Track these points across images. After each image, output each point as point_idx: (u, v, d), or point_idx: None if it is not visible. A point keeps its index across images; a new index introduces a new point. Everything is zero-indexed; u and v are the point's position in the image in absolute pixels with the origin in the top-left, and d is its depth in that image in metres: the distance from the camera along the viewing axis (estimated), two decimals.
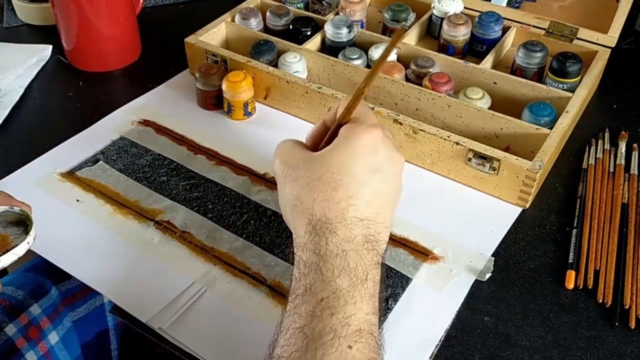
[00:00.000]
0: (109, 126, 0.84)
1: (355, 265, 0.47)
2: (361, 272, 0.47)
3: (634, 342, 0.59)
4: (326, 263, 0.47)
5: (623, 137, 0.81)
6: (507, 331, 0.60)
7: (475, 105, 0.77)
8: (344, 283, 0.46)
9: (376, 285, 0.48)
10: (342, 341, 0.44)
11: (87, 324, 0.71)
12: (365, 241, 0.49)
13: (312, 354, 0.43)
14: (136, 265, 0.66)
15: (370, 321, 0.46)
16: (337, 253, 0.48)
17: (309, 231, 0.49)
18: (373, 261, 0.49)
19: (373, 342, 0.45)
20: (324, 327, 0.44)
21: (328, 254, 0.48)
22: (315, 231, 0.49)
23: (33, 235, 0.56)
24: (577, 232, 0.69)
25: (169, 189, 0.75)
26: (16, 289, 0.67)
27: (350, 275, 0.47)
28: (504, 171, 0.71)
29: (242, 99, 0.83)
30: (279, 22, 0.94)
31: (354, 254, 0.48)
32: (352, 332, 0.44)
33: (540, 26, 0.91)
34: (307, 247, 0.49)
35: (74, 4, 0.90)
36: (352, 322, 0.45)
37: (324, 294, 0.46)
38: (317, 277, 0.47)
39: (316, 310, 0.45)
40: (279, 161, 0.55)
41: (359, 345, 0.44)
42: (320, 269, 0.47)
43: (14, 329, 0.65)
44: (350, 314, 0.45)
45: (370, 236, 0.50)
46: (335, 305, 0.45)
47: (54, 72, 0.97)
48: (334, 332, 0.44)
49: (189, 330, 0.60)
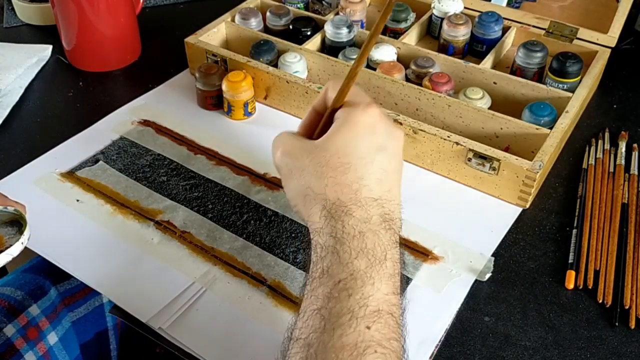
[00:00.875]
0: (109, 126, 0.84)
1: (373, 246, 0.47)
2: (379, 252, 0.47)
3: (634, 342, 0.59)
4: (343, 245, 0.46)
5: (623, 137, 0.81)
6: (507, 331, 0.60)
7: (475, 105, 0.77)
8: (362, 264, 0.46)
9: (396, 264, 0.47)
10: (360, 322, 0.43)
11: (86, 324, 0.71)
12: (382, 220, 0.48)
13: (329, 335, 0.43)
14: (136, 265, 0.66)
15: (389, 301, 0.45)
16: (354, 235, 0.47)
17: (324, 215, 0.49)
18: (391, 240, 0.48)
19: (393, 323, 0.45)
20: (342, 308, 0.44)
21: (345, 236, 0.47)
22: (331, 215, 0.48)
23: (27, 236, 0.55)
24: (577, 232, 0.69)
25: (169, 189, 0.75)
26: (15, 289, 0.67)
27: (368, 256, 0.46)
28: (504, 171, 0.71)
29: (242, 99, 0.83)
30: (279, 22, 0.94)
31: (371, 235, 0.47)
32: (370, 312, 0.44)
33: (540, 26, 0.91)
34: (324, 231, 0.48)
35: (74, 4, 0.90)
36: (370, 303, 0.44)
37: (342, 276, 0.45)
38: (334, 259, 0.46)
39: (333, 292, 0.45)
40: (280, 154, 0.54)
41: (378, 326, 0.43)
42: (337, 251, 0.46)
43: (13, 330, 0.65)
44: (368, 294, 0.44)
45: (386, 215, 0.49)
46: (352, 287, 0.45)
47: (54, 72, 0.97)
48: (351, 312, 0.43)
49: (189, 330, 0.60)
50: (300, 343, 0.44)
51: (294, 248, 0.68)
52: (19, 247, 0.54)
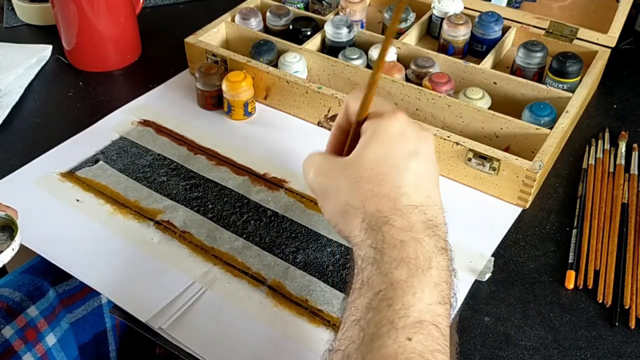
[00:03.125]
0: (109, 126, 0.84)
1: (416, 254, 0.45)
2: (422, 260, 0.45)
3: (634, 342, 0.59)
4: (383, 255, 0.45)
5: (623, 137, 0.81)
6: (507, 331, 0.60)
7: (475, 105, 0.77)
8: (402, 274, 0.44)
9: (442, 272, 0.45)
10: (400, 333, 0.41)
11: (84, 325, 0.71)
12: (426, 227, 0.47)
13: (368, 347, 0.42)
14: (136, 265, 0.66)
15: (434, 311, 0.43)
16: (394, 244, 0.45)
17: (364, 228, 0.47)
18: (436, 247, 0.46)
19: (437, 334, 0.43)
20: (381, 318, 0.42)
21: (385, 246, 0.45)
22: (370, 227, 0.47)
23: (18, 241, 0.54)
24: (577, 232, 0.69)
25: (169, 189, 0.75)
26: (13, 290, 0.67)
27: (410, 265, 0.44)
28: (504, 171, 0.71)
29: (242, 99, 0.83)
30: (279, 22, 0.94)
31: (413, 243, 0.45)
32: (412, 323, 0.42)
33: (540, 26, 0.91)
34: (364, 243, 0.47)
35: (74, 4, 0.90)
36: (412, 314, 0.42)
37: (381, 287, 0.44)
38: (374, 270, 0.45)
39: (372, 302, 0.43)
40: (312, 174, 0.52)
41: (420, 337, 0.42)
42: (377, 262, 0.45)
43: (11, 331, 0.65)
44: (409, 304, 0.43)
45: (429, 221, 0.47)
46: (392, 297, 0.43)
47: (54, 72, 0.97)
48: (391, 323, 0.42)
49: (189, 330, 0.60)
50: (339, 355, 0.43)
51: (294, 248, 0.68)
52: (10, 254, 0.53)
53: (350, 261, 0.66)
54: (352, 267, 0.49)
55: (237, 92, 0.82)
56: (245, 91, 0.82)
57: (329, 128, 0.83)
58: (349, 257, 0.66)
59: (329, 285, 0.64)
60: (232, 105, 0.84)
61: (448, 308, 0.45)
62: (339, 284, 0.64)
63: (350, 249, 0.66)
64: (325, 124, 0.83)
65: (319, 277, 0.65)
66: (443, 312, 0.44)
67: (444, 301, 0.45)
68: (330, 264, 0.66)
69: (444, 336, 0.43)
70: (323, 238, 0.69)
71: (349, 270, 0.65)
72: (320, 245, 0.68)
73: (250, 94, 0.83)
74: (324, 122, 0.83)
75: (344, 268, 0.65)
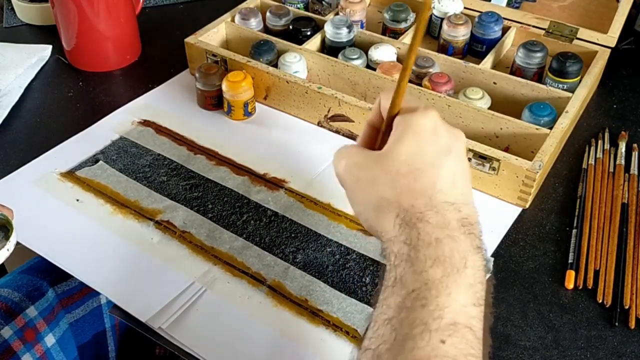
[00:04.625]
0: (109, 126, 0.84)
1: (451, 253, 0.44)
2: (458, 259, 0.44)
3: (634, 342, 0.59)
4: (418, 253, 0.44)
5: (623, 137, 0.81)
6: (507, 331, 0.60)
7: (475, 105, 0.77)
8: (437, 273, 0.43)
9: (477, 272, 0.44)
10: (434, 335, 0.40)
11: (84, 326, 0.71)
12: (461, 225, 0.46)
13: (399, 347, 0.41)
14: (136, 265, 0.66)
15: (468, 313, 0.42)
16: (429, 242, 0.44)
17: (398, 224, 0.46)
18: (472, 246, 0.45)
19: (471, 337, 0.41)
20: (414, 319, 0.41)
21: (420, 243, 0.44)
22: (405, 222, 0.46)
23: (13, 242, 0.54)
24: (577, 232, 0.69)
25: (169, 189, 0.75)
26: (12, 290, 0.67)
27: (445, 264, 0.43)
28: (504, 171, 0.71)
29: (242, 99, 0.83)
30: (279, 22, 0.94)
31: (449, 241, 0.44)
32: (446, 325, 0.41)
33: (540, 26, 0.91)
34: (398, 239, 0.46)
35: (74, 4, 0.90)
36: (446, 315, 0.41)
37: (415, 285, 0.43)
38: (408, 267, 0.44)
39: (406, 301, 0.42)
40: (344, 165, 0.51)
41: (454, 340, 0.40)
42: (411, 259, 0.44)
43: (10, 332, 0.65)
44: (443, 305, 0.41)
45: (464, 219, 0.46)
46: (426, 297, 0.42)
47: (54, 72, 0.97)
48: (424, 324, 0.41)
49: (189, 329, 0.60)
50: (369, 354, 0.42)
51: (294, 248, 0.68)
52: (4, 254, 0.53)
53: (349, 261, 0.66)
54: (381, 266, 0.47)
55: (237, 92, 0.82)
56: (245, 91, 0.83)
57: (329, 128, 0.83)
58: (349, 258, 0.67)
59: (328, 285, 0.64)
60: (232, 105, 0.84)
61: (482, 310, 0.44)
62: (339, 284, 0.64)
63: (351, 249, 0.67)
64: (325, 124, 0.83)
65: (319, 277, 0.65)
66: (477, 314, 0.43)
67: (478, 303, 0.44)
68: (330, 264, 0.66)
69: (478, 339, 0.42)
70: (323, 238, 0.69)
71: (349, 270, 0.65)
72: (320, 245, 0.68)
73: (250, 94, 0.83)
74: (324, 122, 0.83)
75: (343, 268, 0.65)
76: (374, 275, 0.65)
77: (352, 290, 0.63)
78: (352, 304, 0.62)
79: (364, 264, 0.66)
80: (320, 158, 0.79)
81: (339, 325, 0.60)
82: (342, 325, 0.60)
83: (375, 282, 0.64)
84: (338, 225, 0.70)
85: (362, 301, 0.62)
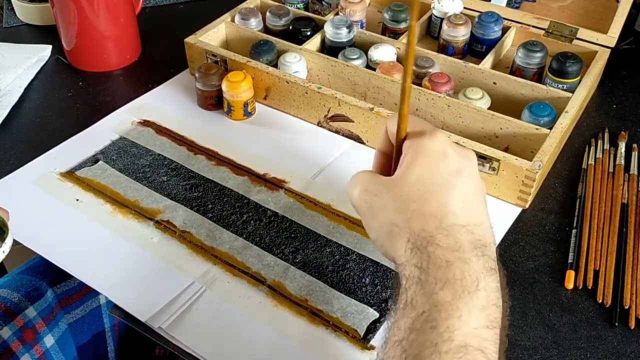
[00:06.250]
0: (109, 126, 0.84)
1: (462, 275, 0.44)
2: (469, 282, 0.44)
3: (634, 342, 0.59)
4: (428, 276, 0.44)
5: (623, 137, 0.81)
6: (507, 331, 0.60)
7: (475, 106, 0.77)
8: (447, 295, 0.43)
9: (491, 294, 0.44)
10: (444, 357, 0.40)
11: (83, 326, 0.71)
12: (473, 247, 0.46)
13: None
14: (136, 265, 0.66)
15: (480, 336, 0.42)
16: (439, 265, 0.44)
17: (409, 248, 0.47)
18: (485, 268, 0.45)
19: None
20: (424, 341, 0.41)
21: (430, 266, 0.45)
22: (416, 247, 0.46)
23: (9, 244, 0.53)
24: (576, 232, 0.69)
25: (169, 188, 0.75)
26: (11, 291, 0.67)
27: (455, 286, 0.43)
28: (504, 171, 0.71)
29: (242, 99, 0.83)
30: (279, 22, 0.94)
31: (460, 264, 0.44)
32: (456, 347, 0.41)
33: (540, 26, 0.91)
34: (409, 263, 0.46)
35: (74, 4, 0.90)
36: (456, 337, 0.41)
37: (425, 307, 0.43)
38: (418, 290, 0.44)
39: (416, 323, 0.43)
40: (359, 191, 0.51)
41: None
42: (422, 282, 0.44)
43: (9, 332, 0.65)
44: (454, 328, 0.42)
45: (477, 241, 0.46)
46: (436, 319, 0.42)
47: (54, 72, 0.97)
48: (434, 346, 0.41)
49: (189, 329, 0.60)
50: None
51: (294, 248, 0.68)
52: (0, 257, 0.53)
53: (349, 262, 0.66)
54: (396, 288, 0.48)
55: (237, 92, 0.82)
56: (245, 91, 0.83)
57: (329, 128, 0.83)
58: (349, 258, 0.67)
59: (328, 285, 0.64)
60: (232, 105, 0.84)
61: (497, 332, 0.43)
62: (339, 284, 0.64)
63: (350, 250, 0.67)
64: (325, 124, 0.83)
65: (319, 277, 0.65)
66: (491, 336, 0.43)
67: (492, 325, 0.43)
68: (329, 264, 0.66)
69: None
70: (322, 238, 0.69)
71: (349, 270, 0.65)
72: (320, 245, 0.68)
73: (250, 94, 0.83)
74: (323, 122, 0.83)
75: (343, 268, 0.65)
76: (374, 276, 0.65)
77: (351, 290, 0.63)
78: (352, 304, 0.62)
79: (363, 264, 0.66)
80: (320, 158, 0.79)
81: (339, 325, 0.60)
82: (342, 325, 0.60)
83: (375, 283, 0.64)
84: (338, 225, 0.70)
85: (362, 301, 0.62)
